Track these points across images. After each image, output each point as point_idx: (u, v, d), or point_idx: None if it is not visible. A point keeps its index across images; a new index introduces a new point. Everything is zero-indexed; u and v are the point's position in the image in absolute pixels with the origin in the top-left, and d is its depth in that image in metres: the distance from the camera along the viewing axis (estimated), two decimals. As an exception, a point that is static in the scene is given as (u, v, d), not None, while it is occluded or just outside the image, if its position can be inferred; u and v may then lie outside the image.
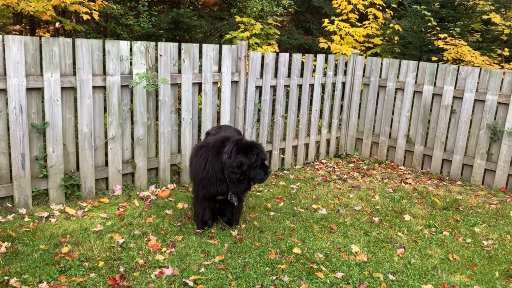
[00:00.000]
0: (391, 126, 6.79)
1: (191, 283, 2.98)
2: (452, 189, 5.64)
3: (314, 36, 9.71)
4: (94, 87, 4.26)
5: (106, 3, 6.40)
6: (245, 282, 3.09)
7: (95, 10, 5.97)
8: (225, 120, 5.36)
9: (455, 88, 6.04)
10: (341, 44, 8.25)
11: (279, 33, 7.68)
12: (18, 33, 5.49)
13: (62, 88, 4.07)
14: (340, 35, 8.31)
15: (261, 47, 7.20)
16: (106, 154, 4.50)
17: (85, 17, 5.79)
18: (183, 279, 3.04)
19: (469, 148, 6.05)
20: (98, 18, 6.14)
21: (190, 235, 3.78)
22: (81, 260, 3.23)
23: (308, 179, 5.90)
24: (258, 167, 3.61)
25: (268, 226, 4.12)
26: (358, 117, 7.14)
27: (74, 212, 4.02)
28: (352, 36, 8.21)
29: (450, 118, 6.15)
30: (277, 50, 7.46)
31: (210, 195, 3.72)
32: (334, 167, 6.64)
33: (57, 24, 5.98)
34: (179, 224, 4.00)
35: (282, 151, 6.31)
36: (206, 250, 3.51)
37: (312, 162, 6.82)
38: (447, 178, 6.20)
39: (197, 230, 3.87)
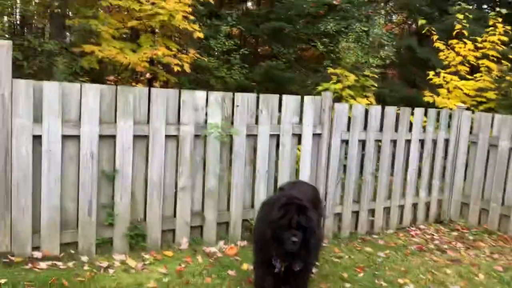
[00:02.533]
0: (504, 191, 5.84)
1: None
2: None
3: (418, 89, 9.05)
4: (167, 136, 4.19)
5: (198, 56, 6.54)
6: None
7: (187, 62, 6.11)
8: (304, 175, 4.98)
9: None
10: (448, 98, 7.53)
11: (376, 85, 7.22)
12: (112, 83, 5.76)
13: (135, 136, 4.05)
14: (448, 89, 7.61)
15: (355, 99, 6.79)
16: (175, 205, 4.36)
17: (176, 68, 5.93)
18: None
19: None
20: (190, 70, 6.27)
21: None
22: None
23: (399, 247, 5.21)
24: (286, 229, 3.15)
25: (340, 301, 3.58)
26: (464, 179, 6.28)
27: (134, 264, 3.87)
28: (461, 89, 7.46)
29: None
30: (373, 103, 6.99)
31: (265, 258, 3.34)
32: (433, 235, 5.83)
33: (147, 75, 6.22)
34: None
35: (372, 213, 5.70)
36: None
37: (408, 228, 6.07)
38: None
39: (255, 299, 3.47)
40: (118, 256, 3.97)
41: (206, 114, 4.38)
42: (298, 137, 4.98)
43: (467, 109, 6.43)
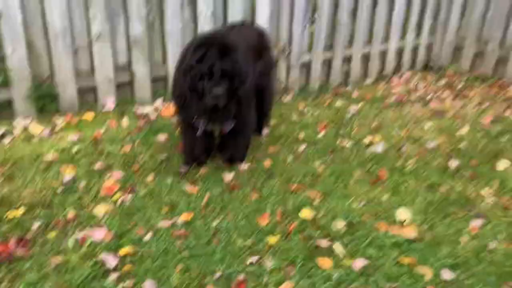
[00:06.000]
0: (505, 30, 4.90)
1: (113, 261, 1.99)
2: None
3: None
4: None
5: None
6: (198, 267, 2.02)
7: None
8: (262, 16, 4.00)
9: None
10: None
11: None
12: None
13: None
14: None
15: None
16: (92, 59, 3.50)
17: None
18: (109, 252, 2.05)
19: None
20: None
21: (167, 176, 2.74)
22: (1, 200, 2.38)
23: (376, 99, 4.47)
24: (206, 78, 2.39)
25: (284, 169, 2.94)
26: (461, 18, 5.29)
27: (39, 131, 3.16)
28: None
29: None
30: None
31: (188, 119, 2.63)
32: (417, 84, 5.05)
33: None
34: (164, 156, 2.98)
35: (348, 61, 4.85)
36: (174, 202, 2.47)
37: (390, 77, 5.27)
38: None
39: (181, 169, 2.82)
40: (21, 122, 3.25)
41: None
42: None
43: None
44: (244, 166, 2.89)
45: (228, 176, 2.75)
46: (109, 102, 3.60)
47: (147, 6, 3.54)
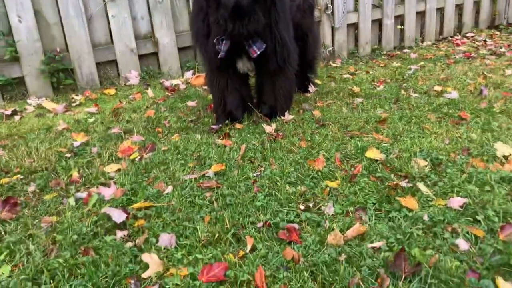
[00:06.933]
0: None
1: (121, 216, 1.48)
2: None
3: None
4: None
5: None
6: (234, 217, 1.48)
7: None
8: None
9: None
10: None
11: None
12: None
13: None
14: None
15: None
16: (110, 27, 3.11)
17: None
18: (118, 209, 1.54)
19: None
20: None
21: (195, 133, 2.25)
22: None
23: (439, 58, 3.85)
24: None
25: (339, 117, 2.37)
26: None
27: (54, 107, 2.77)
28: None
29: None
30: None
31: (218, 62, 2.14)
32: (485, 41, 4.37)
33: None
34: (192, 118, 2.50)
35: (401, 20, 4.25)
36: (202, 157, 1.96)
37: (451, 37, 4.62)
38: None
39: (213, 126, 2.32)
40: (35, 101, 2.88)
41: None
42: None
43: None
44: (288, 117, 2.35)
45: (270, 127, 2.21)
46: (132, 76, 3.19)
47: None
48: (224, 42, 2.06)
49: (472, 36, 4.59)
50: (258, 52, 2.12)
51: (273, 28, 2.12)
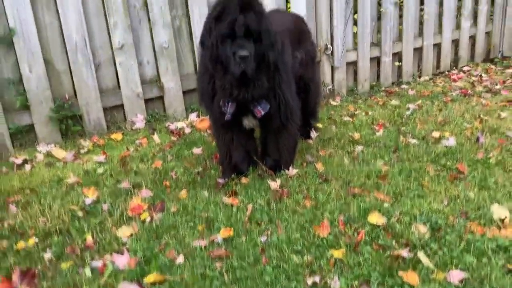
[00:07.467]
0: None
1: (137, 292, 1.55)
2: None
3: None
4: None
5: None
6: (247, 291, 1.55)
7: None
8: (298, 6, 3.61)
9: None
10: None
11: None
12: None
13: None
14: None
15: None
16: (117, 73, 3.20)
17: None
18: (131, 282, 1.62)
19: None
20: None
21: (202, 190, 2.32)
22: (12, 231, 2.03)
23: (436, 95, 3.95)
24: (228, 38, 1.98)
25: (341, 171, 2.45)
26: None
27: (63, 155, 2.85)
28: None
29: None
30: None
31: (216, 109, 2.23)
32: (481, 76, 4.48)
33: None
34: (199, 169, 2.57)
35: (399, 57, 4.36)
36: (210, 218, 2.03)
37: (447, 72, 4.73)
38: None
39: (219, 180, 2.40)
40: (44, 148, 2.95)
41: None
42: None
43: None
44: (292, 171, 2.43)
45: (275, 183, 2.29)
46: (138, 119, 3.27)
47: (171, 12, 3.23)
48: (230, 104, 2.15)
49: (468, 71, 4.70)
50: (263, 113, 2.20)
51: (276, 90, 2.21)
